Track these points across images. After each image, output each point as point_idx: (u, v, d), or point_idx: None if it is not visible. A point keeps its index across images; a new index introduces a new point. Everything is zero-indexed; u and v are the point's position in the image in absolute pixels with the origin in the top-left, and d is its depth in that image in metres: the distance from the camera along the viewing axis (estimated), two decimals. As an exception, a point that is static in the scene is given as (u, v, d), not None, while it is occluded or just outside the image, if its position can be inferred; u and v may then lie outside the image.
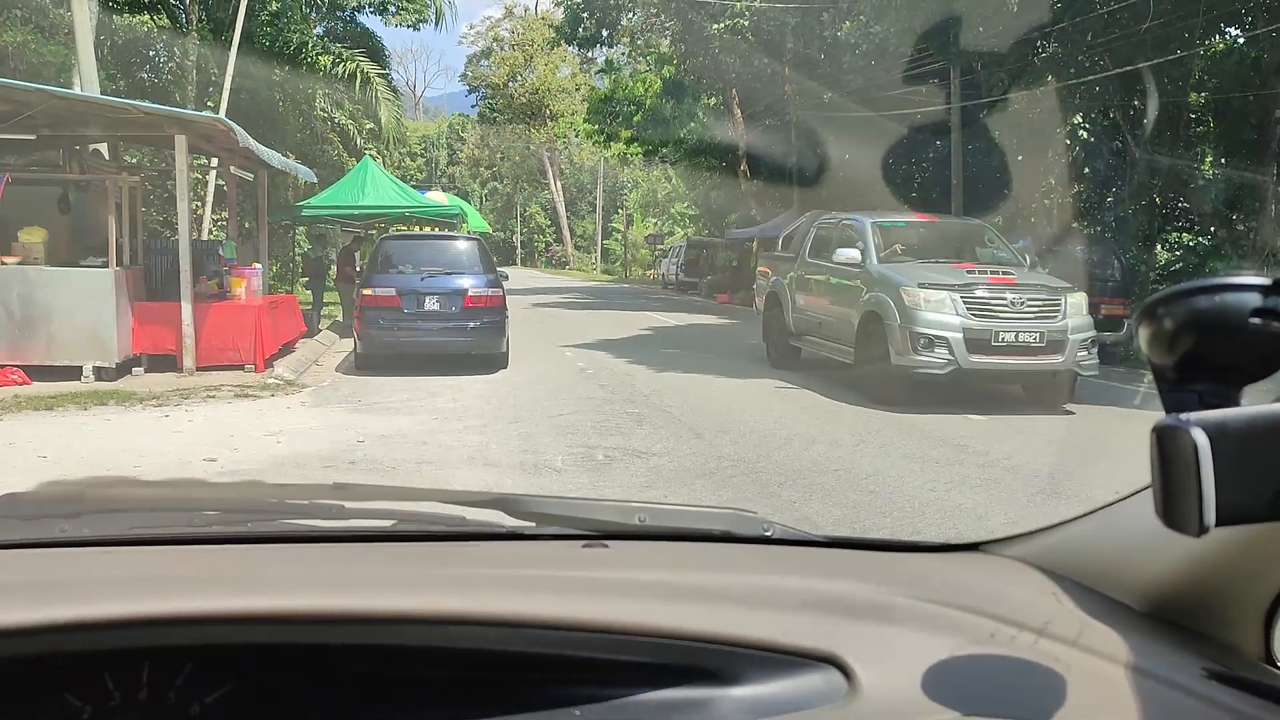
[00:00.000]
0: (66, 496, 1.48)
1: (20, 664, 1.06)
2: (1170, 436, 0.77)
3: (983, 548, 1.38)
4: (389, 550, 1.38)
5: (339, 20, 30.69)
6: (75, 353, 11.28)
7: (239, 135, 12.18)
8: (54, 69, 18.27)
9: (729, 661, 1.05)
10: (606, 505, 1.53)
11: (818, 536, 1.52)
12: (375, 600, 1.13)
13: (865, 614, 1.13)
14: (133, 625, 1.07)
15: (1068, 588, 1.18)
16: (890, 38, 18.82)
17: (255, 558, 1.32)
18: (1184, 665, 1.01)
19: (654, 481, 7.08)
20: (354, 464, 7.53)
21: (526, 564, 1.34)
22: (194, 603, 1.10)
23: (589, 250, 71.59)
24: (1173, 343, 0.81)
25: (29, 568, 1.25)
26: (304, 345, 15.23)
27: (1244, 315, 0.78)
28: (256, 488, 1.80)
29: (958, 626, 1.09)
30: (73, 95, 12.88)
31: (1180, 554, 1.05)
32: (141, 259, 13.12)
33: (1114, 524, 1.17)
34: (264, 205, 17.25)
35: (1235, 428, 0.76)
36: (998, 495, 6.86)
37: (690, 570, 1.31)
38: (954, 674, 1.01)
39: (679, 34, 30.37)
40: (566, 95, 67.35)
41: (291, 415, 9.84)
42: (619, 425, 9.27)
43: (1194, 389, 0.81)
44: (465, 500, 1.52)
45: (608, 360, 14.73)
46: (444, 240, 15.25)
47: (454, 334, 13.01)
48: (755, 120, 32.85)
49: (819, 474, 7.37)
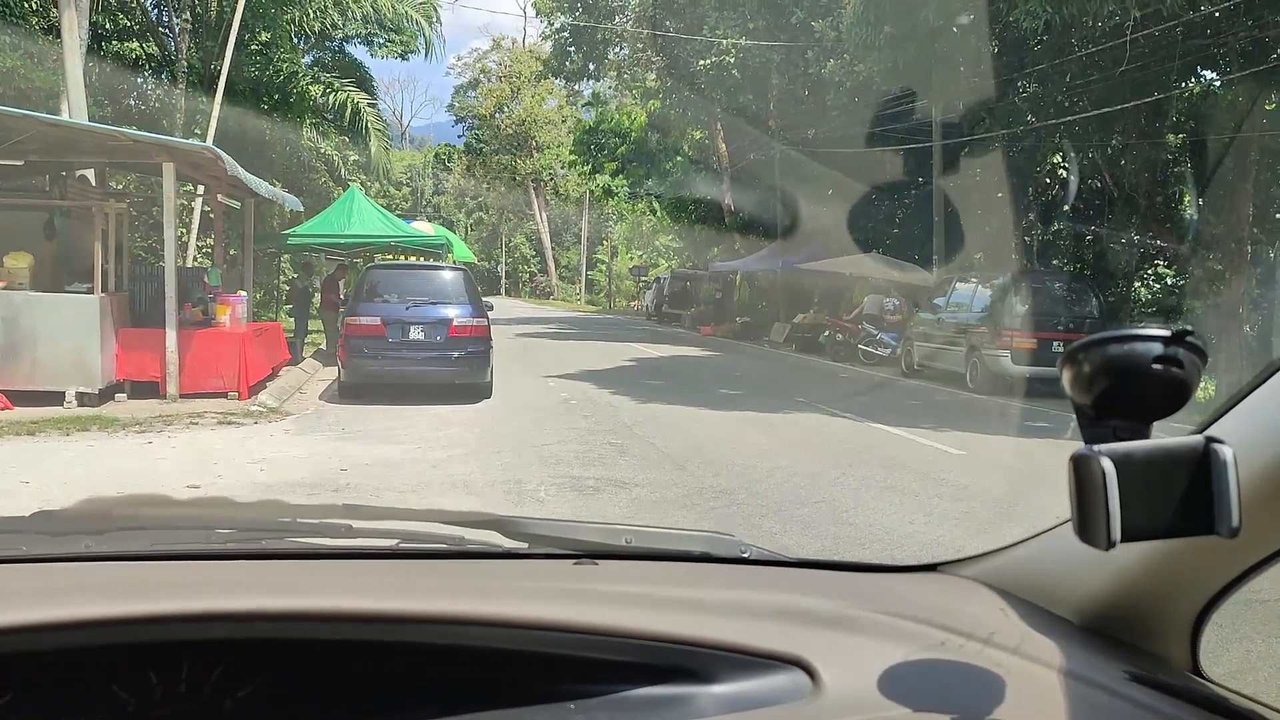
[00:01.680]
0: (95, 514, 1.56)
1: (68, 661, 1.16)
2: (1083, 464, 0.90)
3: (940, 568, 1.49)
4: (393, 566, 1.47)
5: (327, 50, 30.92)
6: (58, 378, 11.27)
7: (227, 163, 12.25)
8: (43, 95, 18.32)
9: (707, 663, 1.16)
10: (595, 528, 1.66)
11: (790, 558, 1.66)
12: (384, 602, 1.22)
13: (829, 623, 1.24)
14: (142, 623, 1.16)
15: (1014, 603, 1.29)
16: (874, 77, 19.10)
17: (268, 571, 1.40)
18: (1110, 670, 1.12)
19: (636, 512, 7.13)
20: (337, 492, 7.55)
21: (522, 578, 1.44)
22: (204, 602, 1.19)
23: (573, 281, 71.81)
24: (1090, 383, 0.93)
25: (55, 578, 1.34)
26: (288, 373, 15.24)
27: (1148, 361, 0.90)
28: (272, 507, 1.87)
29: (912, 636, 1.20)
30: (61, 122, 12.93)
31: (1113, 571, 1.16)
32: (127, 285, 13.13)
33: (1055, 545, 1.29)
34: (250, 233, 17.31)
35: (1139, 457, 0.90)
36: (974, 528, 6.94)
37: (673, 585, 1.41)
38: (907, 676, 1.12)
39: (665, 69, 30.72)
40: (553, 127, 67.83)
41: (275, 443, 9.85)
42: (602, 456, 9.32)
43: (1110, 424, 0.93)
44: (464, 521, 1.62)
45: (591, 391, 14.79)
46: (429, 270, 15.29)
47: (438, 363, 13.04)
48: (740, 155, 33.17)
49: (799, 506, 7.44)
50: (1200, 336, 0.91)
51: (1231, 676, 4.04)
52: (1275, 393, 0.98)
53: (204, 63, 22.76)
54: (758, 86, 27.95)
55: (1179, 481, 0.90)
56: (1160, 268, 21.19)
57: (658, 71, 31.66)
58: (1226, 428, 0.99)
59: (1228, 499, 0.88)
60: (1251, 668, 4.20)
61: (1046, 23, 14.31)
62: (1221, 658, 4.16)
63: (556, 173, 67.73)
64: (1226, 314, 16.76)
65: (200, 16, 23.07)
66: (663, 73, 30.98)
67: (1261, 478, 0.96)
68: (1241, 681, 4.21)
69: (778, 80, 27.13)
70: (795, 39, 24.74)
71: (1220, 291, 17.60)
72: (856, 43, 18.37)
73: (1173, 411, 0.92)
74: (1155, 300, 21.13)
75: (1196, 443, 0.91)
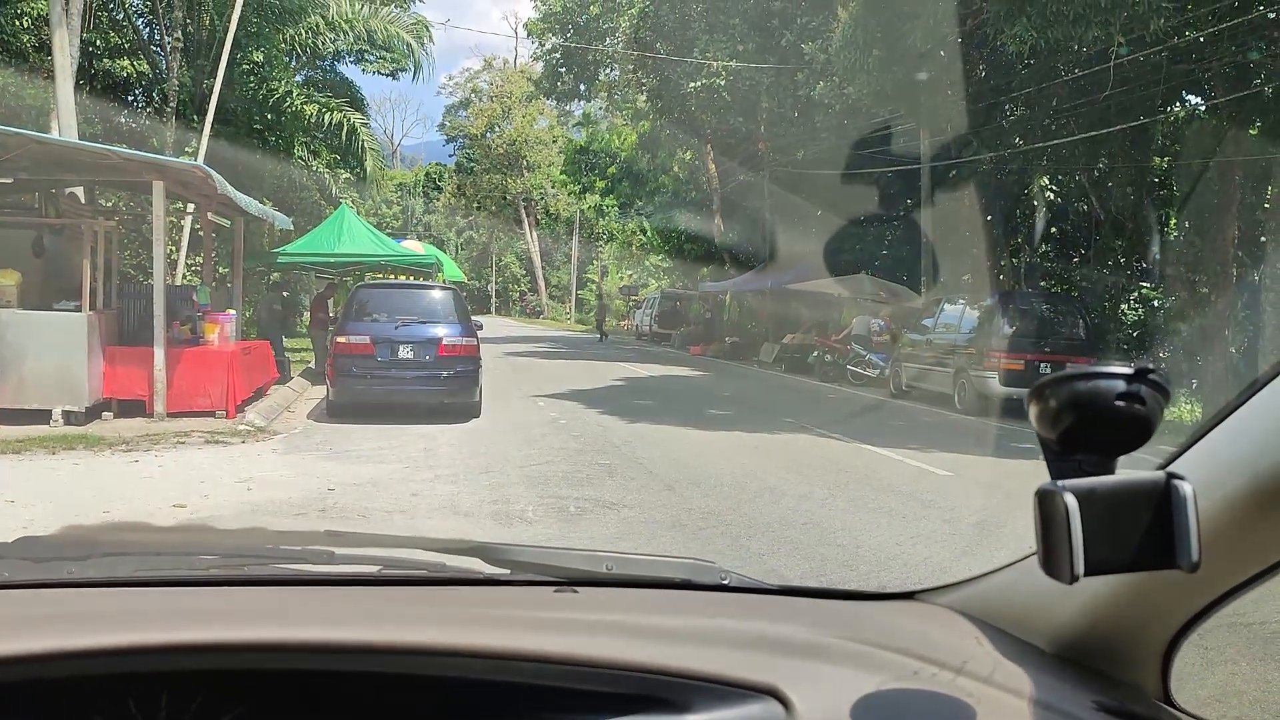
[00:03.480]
0: (79, 540, 1.57)
1: (48, 690, 1.16)
2: (1048, 499, 0.93)
3: (917, 596, 1.51)
4: (374, 593, 1.48)
5: (319, 69, 31.00)
6: (44, 396, 11.21)
7: (217, 182, 12.25)
8: (33, 112, 18.33)
9: (683, 692, 1.17)
10: (576, 554, 1.66)
11: (770, 584, 1.65)
12: (365, 633, 1.23)
13: (804, 652, 1.25)
14: (126, 654, 1.16)
15: (988, 632, 1.31)
16: (862, 99, 19.23)
17: (251, 598, 1.40)
18: (1078, 699, 1.13)
19: (624, 533, 7.12)
20: (324, 512, 7.52)
21: (503, 606, 1.45)
22: (188, 634, 1.20)
23: (564, 300, 71.88)
24: (1056, 419, 0.95)
25: (37, 605, 1.34)
26: (276, 391, 15.20)
27: (1111, 398, 0.92)
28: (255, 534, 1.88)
29: (885, 665, 1.21)
30: (51, 140, 12.91)
31: (1083, 601, 1.17)
32: (115, 303, 13.09)
33: (1029, 574, 1.30)
34: (239, 251, 17.30)
35: (1102, 493, 0.92)
36: (960, 549, 6.95)
37: (652, 613, 1.43)
38: (879, 705, 1.13)
39: (655, 90, 30.86)
40: (544, 147, 68.05)
41: (262, 462, 9.82)
42: (590, 476, 9.31)
43: (1075, 458, 0.95)
44: (446, 548, 1.63)
45: (580, 411, 14.79)
46: (419, 289, 15.29)
47: (427, 383, 13.02)
48: (730, 176, 33.32)
49: (786, 527, 7.44)
50: (1163, 374, 0.93)
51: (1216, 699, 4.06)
52: (1232, 431, 1.00)
53: (195, 81, 22.79)
54: (748, 108, 28.10)
55: (1141, 516, 0.92)
56: (1146, 290, 21.31)
57: (648, 93, 31.80)
58: (1187, 464, 1.01)
59: (1187, 534, 0.90)
60: (1236, 691, 4.22)
61: (1032, 47, 14.43)
62: (1207, 681, 4.18)
63: (547, 192, 67.91)
64: (1212, 336, 16.87)
65: (192, 35, 23.10)
66: (653, 94, 31.12)
67: (1222, 513, 0.97)
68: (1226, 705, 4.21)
69: (768, 102, 27.27)
70: (785, 61, 24.89)
71: (1206, 314, 17.72)
72: (845, 65, 18.49)
73: (1136, 447, 0.94)
74: (1141, 322, 21.24)
75: (1158, 478, 0.93)
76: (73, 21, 15.67)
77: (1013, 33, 14.24)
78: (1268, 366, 0.99)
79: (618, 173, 43.19)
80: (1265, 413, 0.97)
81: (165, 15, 23.02)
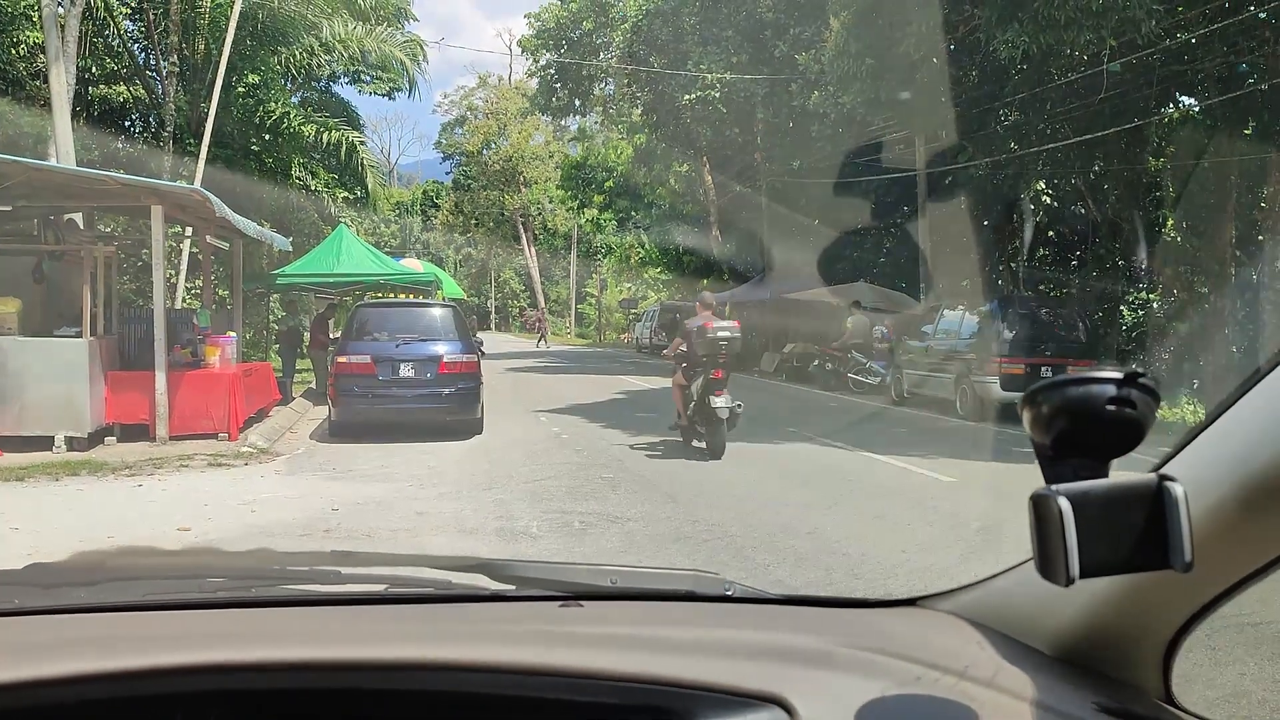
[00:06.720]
0: (88, 565, 1.58)
1: (61, 714, 1.17)
2: (1042, 503, 0.94)
3: (919, 603, 1.52)
4: (382, 612, 1.50)
5: (315, 90, 31.11)
6: (47, 423, 11.22)
7: (215, 205, 12.28)
8: (31, 139, 18.39)
9: (689, 703, 1.19)
10: (581, 569, 1.69)
11: (773, 594, 1.66)
12: (373, 651, 1.25)
13: (809, 661, 1.27)
14: (139, 677, 1.18)
15: (990, 636, 1.32)
16: (857, 108, 19.29)
17: (260, 619, 1.42)
18: (1079, 701, 1.15)
19: (629, 546, 7.12)
20: (329, 532, 7.52)
21: (509, 621, 1.47)
22: (200, 655, 1.21)
23: (563, 315, 71.93)
24: (1049, 424, 0.96)
25: (49, 631, 1.36)
26: (278, 412, 15.21)
27: (1103, 403, 0.93)
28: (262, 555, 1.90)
29: (889, 671, 1.22)
30: (50, 167, 12.96)
31: (1083, 604, 1.19)
32: (115, 328, 13.11)
33: (1029, 578, 1.31)
34: (239, 273, 17.34)
35: (1095, 496, 0.93)
36: (964, 555, 6.95)
37: (657, 626, 1.44)
38: (883, 712, 1.14)
39: (651, 103, 30.96)
40: (540, 162, 68.19)
41: (266, 484, 9.82)
42: (594, 490, 9.31)
43: (1069, 463, 0.96)
44: (451, 565, 1.64)
45: (582, 425, 14.79)
46: (419, 307, 15.33)
47: (429, 401, 13.03)
48: (726, 187, 33.39)
49: (791, 537, 7.43)
50: (1153, 378, 0.94)
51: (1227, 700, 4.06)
52: (1222, 433, 1.01)
53: (191, 105, 22.86)
54: (743, 119, 28.20)
55: (1135, 519, 0.93)
56: (1144, 291, 21.34)
57: (643, 107, 31.89)
58: (1179, 466, 1.03)
59: (1180, 535, 0.92)
60: (1246, 690, 4.22)
61: (1025, 52, 14.48)
62: (1216, 681, 4.18)
63: (544, 207, 68.03)
64: (1213, 336, 16.89)
65: (187, 59, 23.19)
66: (648, 108, 31.21)
67: (1214, 513, 0.99)
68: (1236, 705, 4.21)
69: (762, 113, 27.38)
70: (779, 72, 24.99)
71: (1205, 313, 17.74)
72: (839, 75, 18.55)
73: (1128, 450, 0.96)
74: (1141, 323, 21.26)
75: (1150, 481, 0.94)
76: (68, 49, 15.75)
77: (1005, 38, 14.30)
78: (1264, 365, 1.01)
79: (614, 187, 43.28)
80: (1253, 413, 0.98)
81: (160, 40, 23.11)
